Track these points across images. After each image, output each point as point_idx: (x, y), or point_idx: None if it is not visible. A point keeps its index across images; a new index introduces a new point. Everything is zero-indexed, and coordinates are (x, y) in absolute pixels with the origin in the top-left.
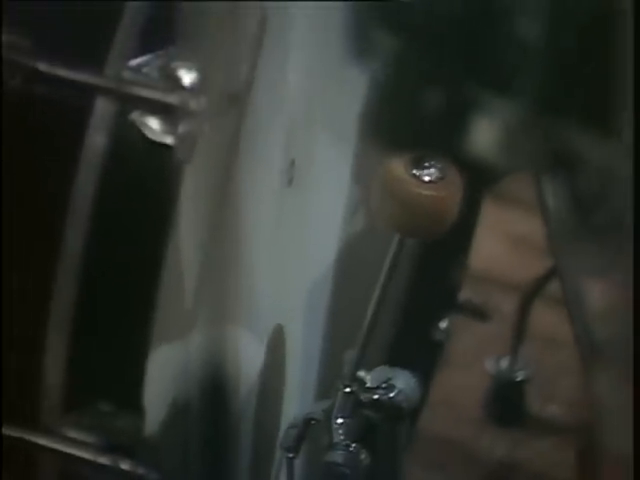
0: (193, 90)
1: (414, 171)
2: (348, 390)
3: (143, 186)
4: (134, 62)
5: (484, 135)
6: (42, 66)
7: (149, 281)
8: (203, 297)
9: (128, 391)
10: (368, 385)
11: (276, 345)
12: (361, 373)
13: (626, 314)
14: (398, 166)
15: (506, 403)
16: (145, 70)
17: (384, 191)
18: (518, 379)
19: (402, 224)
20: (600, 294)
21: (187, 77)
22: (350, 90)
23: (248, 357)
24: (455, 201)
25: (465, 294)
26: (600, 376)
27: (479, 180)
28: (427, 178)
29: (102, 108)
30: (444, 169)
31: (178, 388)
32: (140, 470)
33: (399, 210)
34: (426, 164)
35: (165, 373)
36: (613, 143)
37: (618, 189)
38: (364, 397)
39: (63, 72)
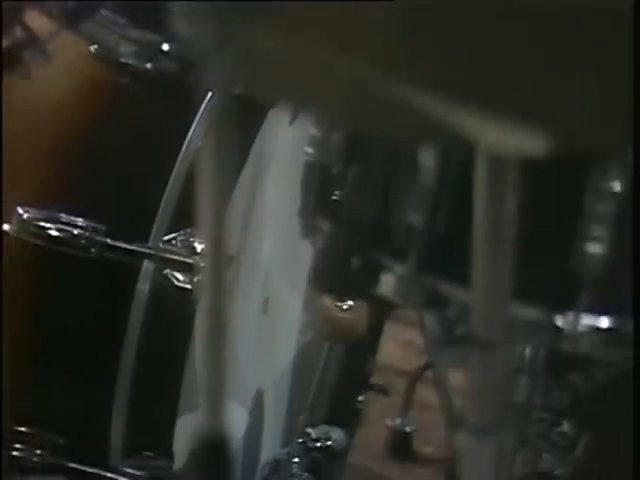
0: (203, 255)
1: (337, 303)
2: (301, 440)
3: (174, 315)
4: (166, 237)
5: (386, 283)
6: (109, 240)
7: (177, 377)
8: (206, 385)
9: (164, 444)
10: (313, 437)
11: (258, 408)
12: (309, 429)
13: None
14: (329, 301)
15: (400, 446)
16: (173, 242)
17: (321, 316)
18: (408, 431)
19: (331, 335)
20: (458, 378)
21: (200, 247)
22: (304, 253)
23: (235, 421)
24: (363, 321)
25: (374, 378)
26: (457, 431)
27: (382, 308)
28: (345, 307)
29: (147, 266)
30: (357, 302)
31: (192, 443)
32: None
33: (329, 327)
34: (345, 299)
35: (185, 433)
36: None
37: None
38: (311, 445)
39: (123, 243)
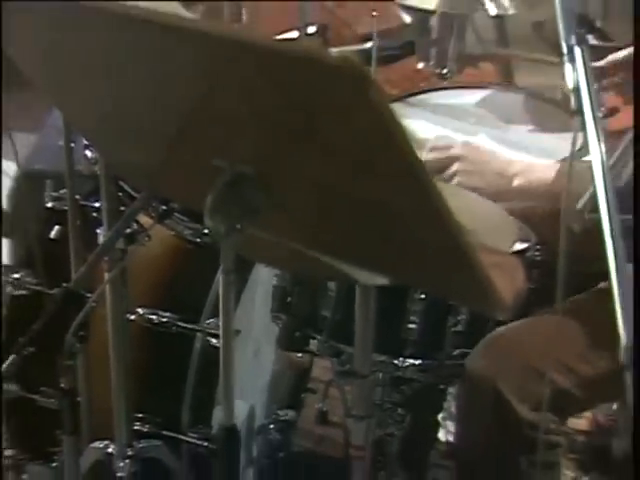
0: None
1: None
2: (273, 416)
3: (211, 356)
4: (207, 321)
5: (313, 343)
6: (181, 323)
7: (214, 388)
8: (223, 393)
9: (208, 422)
10: (280, 415)
11: (253, 402)
12: (277, 411)
13: None
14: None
15: (322, 418)
16: (210, 323)
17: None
18: (324, 410)
19: (290, 367)
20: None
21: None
22: (274, 328)
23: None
24: (308, 361)
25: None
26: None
27: (312, 357)
28: (298, 355)
29: (199, 335)
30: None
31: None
32: None
33: (290, 363)
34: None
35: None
36: None
37: None
38: (278, 418)
39: (189, 325)
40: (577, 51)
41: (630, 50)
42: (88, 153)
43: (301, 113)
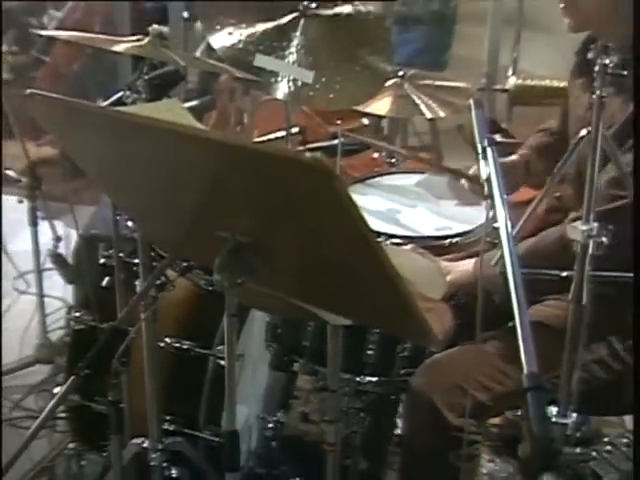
0: None
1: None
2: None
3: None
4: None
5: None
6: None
7: (222, 397)
8: (227, 402)
9: (219, 423)
10: (273, 416)
11: (250, 408)
12: (273, 413)
13: None
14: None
15: (306, 418)
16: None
17: None
18: (307, 411)
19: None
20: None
21: None
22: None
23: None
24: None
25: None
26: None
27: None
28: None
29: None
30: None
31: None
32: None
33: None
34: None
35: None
36: None
37: None
38: (270, 419)
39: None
40: (489, 151)
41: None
42: (129, 223)
43: (284, 198)
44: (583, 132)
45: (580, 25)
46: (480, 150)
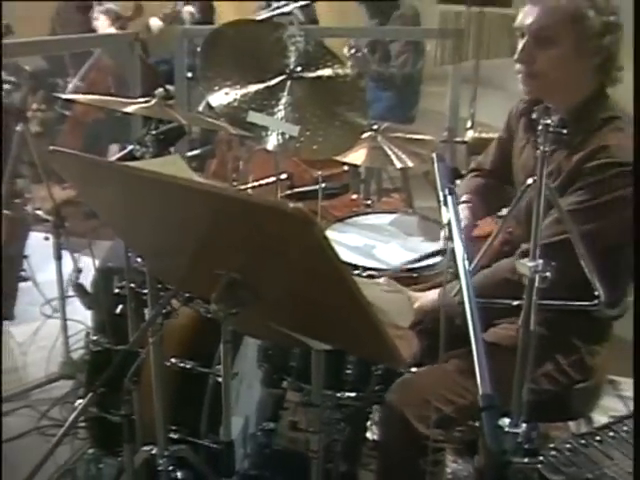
0: None
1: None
2: (260, 427)
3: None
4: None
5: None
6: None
7: (220, 410)
8: (224, 414)
9: (218, 432)
10: (266, 425)
11: (245, 418)
12: (264, 423)
13: None
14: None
15: (294, 426)
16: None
17: None
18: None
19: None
20: None
21: None
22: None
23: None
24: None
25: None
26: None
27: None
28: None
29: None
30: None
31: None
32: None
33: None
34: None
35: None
36: None
37: None
38: (263, 428)
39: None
40: (449, 198)
41: None
42: (139, 259)
43: (270, 241)
44: (529, 181)
45: (536, 93)
46: (442, 198)
